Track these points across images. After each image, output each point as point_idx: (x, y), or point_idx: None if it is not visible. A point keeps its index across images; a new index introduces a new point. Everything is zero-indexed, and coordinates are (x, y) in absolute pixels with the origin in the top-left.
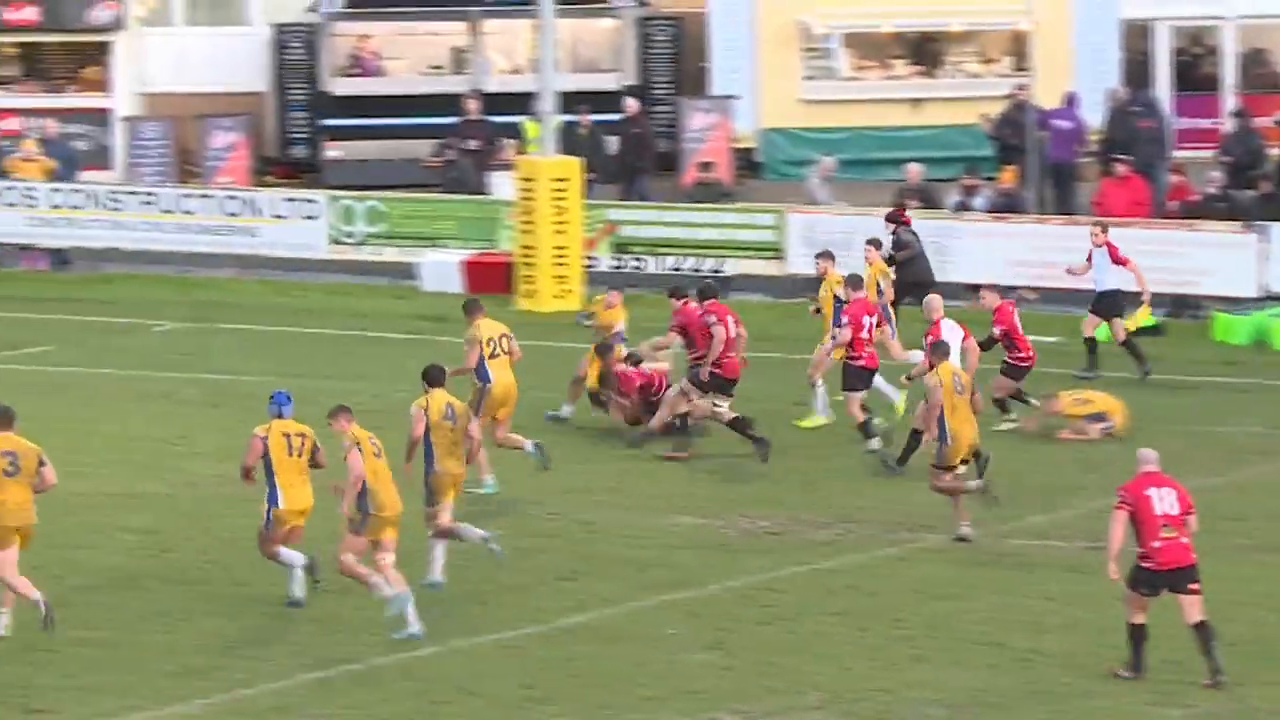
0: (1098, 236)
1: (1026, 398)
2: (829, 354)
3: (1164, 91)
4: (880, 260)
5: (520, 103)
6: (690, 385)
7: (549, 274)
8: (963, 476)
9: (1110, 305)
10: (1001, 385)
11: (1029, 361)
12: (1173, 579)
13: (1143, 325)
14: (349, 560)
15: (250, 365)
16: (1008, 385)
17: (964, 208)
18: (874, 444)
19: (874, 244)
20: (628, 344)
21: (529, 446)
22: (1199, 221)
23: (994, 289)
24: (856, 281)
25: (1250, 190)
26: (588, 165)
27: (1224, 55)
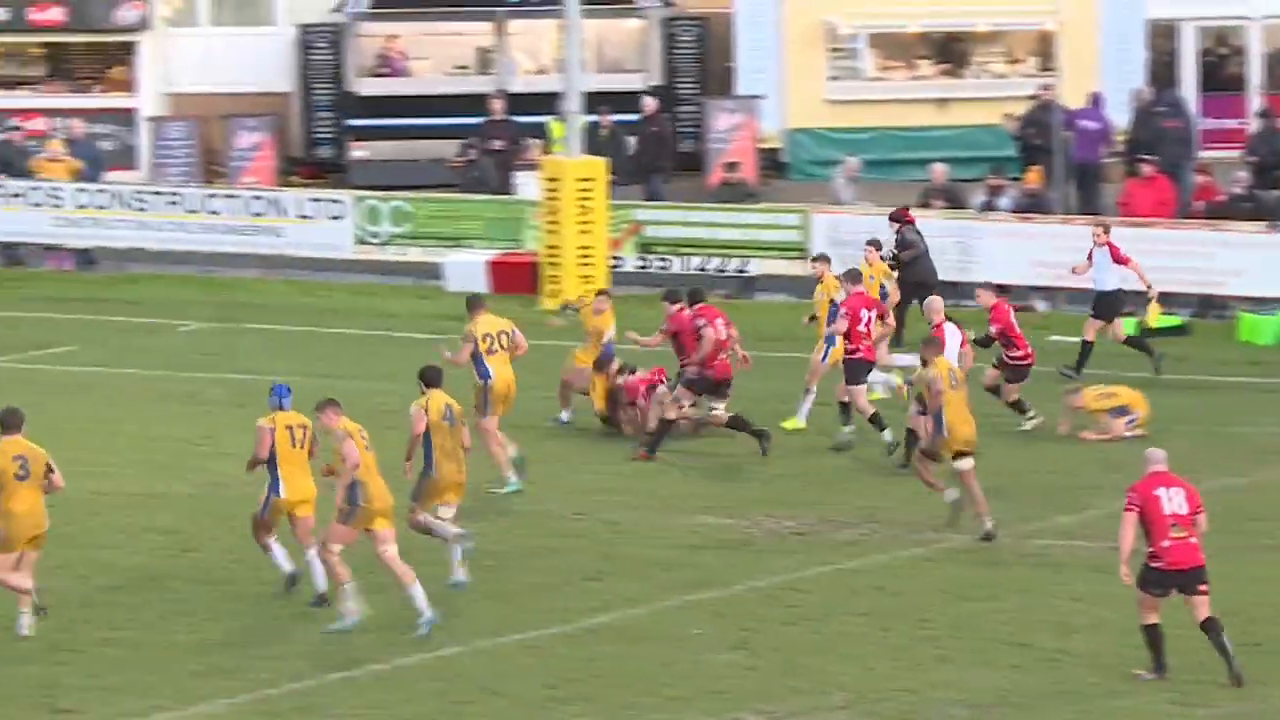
0: (1099, 236)
1: (1024, 408)
2: (824, 358)
3: (1190, 91)
4: (880, 262)
5: (545, 103)
6: (683, 389)
7: (574, 274)
8: (940, 477)
9: (1111, 306)
10: (992, 379)
11: (1027, 360)
12: (1183, 579)
13: (1168, 325)
14: (334, 551)
15: (275, 365)
16: (1011, 388)
17: (989, 208)
18: (888, 435)
19: (874, 245)
20: (615, 348)
21: (509, 463)
22: (1224, 222)
23: (989, 287)
24: (855, 276)
25: (1276, 190)
26: (609, 166)
27: (1250, 55)
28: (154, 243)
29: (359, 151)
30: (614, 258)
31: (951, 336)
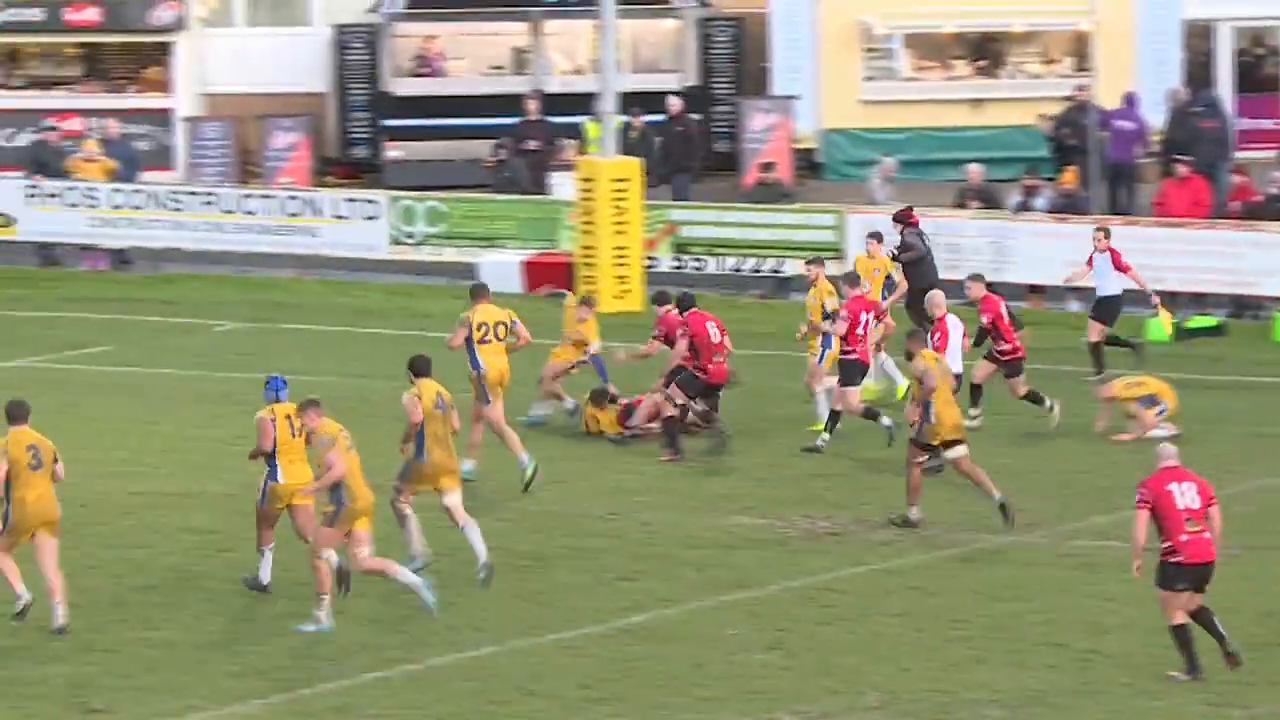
0: (1100, 241)
1: (1040, 398)
2: (820, 359)
3: (1226, 92)
4: (883, 255)
5: (581, 103)
6: (676, 388)
7: (609, 274)
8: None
9: (1112, 310)
10: (983, 374)
11: (1016, 355)
12: (1197, 575)
13: (1203, 326)
14: (323, 557)
15: (311, 365)
16: (1017, 383)
17: (1025, 208)
18: (886, 420)
19: (876, 237)
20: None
21: (468, 466)
22: (1260, 222)
23: (979, 279)
24: (854, 279)
25: None
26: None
27: None
28: (190, 243)
29: (394, 152)
30: (649, 258)
31: (954, 329)
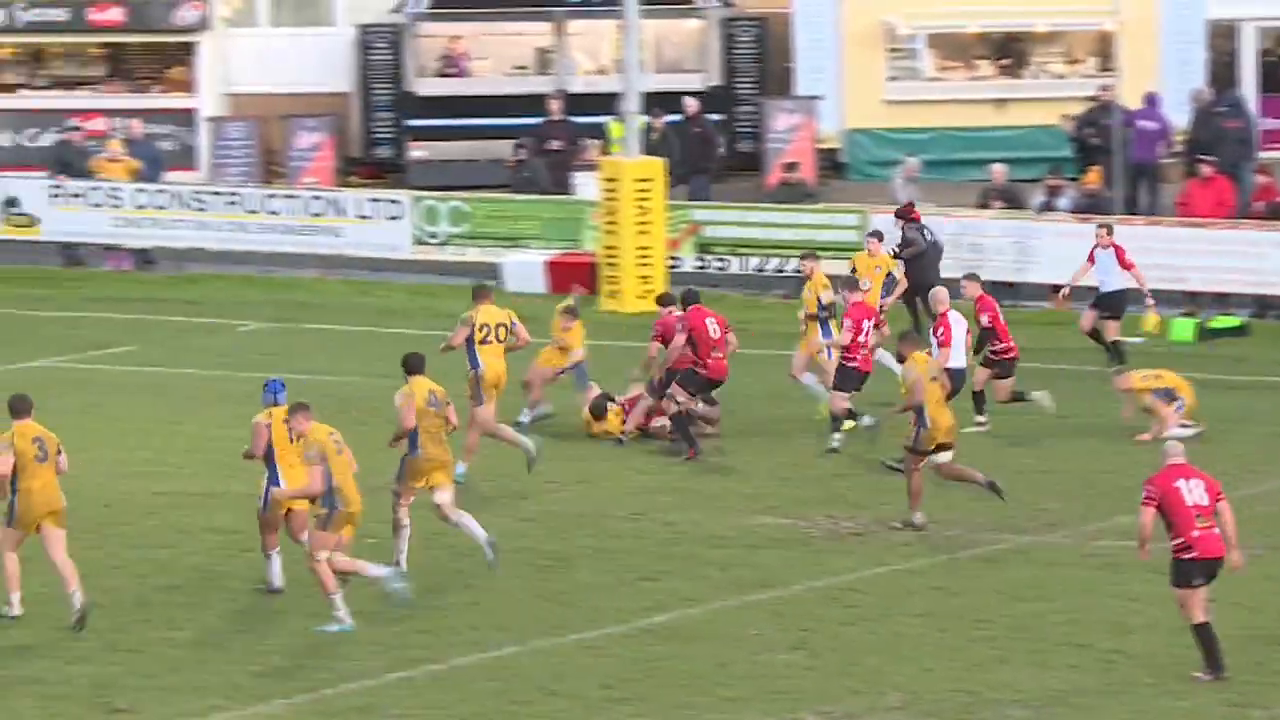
0: (1103, 238)
1: (1025, 395)
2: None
3: (1250, 92)
4: (884, 254)
5: (604, 103)
6: (677, 386)
7: (632, 274)
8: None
9: (1118, 303)
10: (982, 380)
11: (1010, 354)
12: (1210, 570)
13: (1227, 326)
14: (321, 560)
15: (334, 365)
16: (1002, 385)
17: (1048, 208)
18: (867, 420)
19: (876, 236)
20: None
21: (461, 469)
22: None
23: (974, 279)
24: (854, 284)
25: None
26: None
27: None
28: (213, 243)
29: (418, 152)
30: (672, 258)
31: (957, 326)
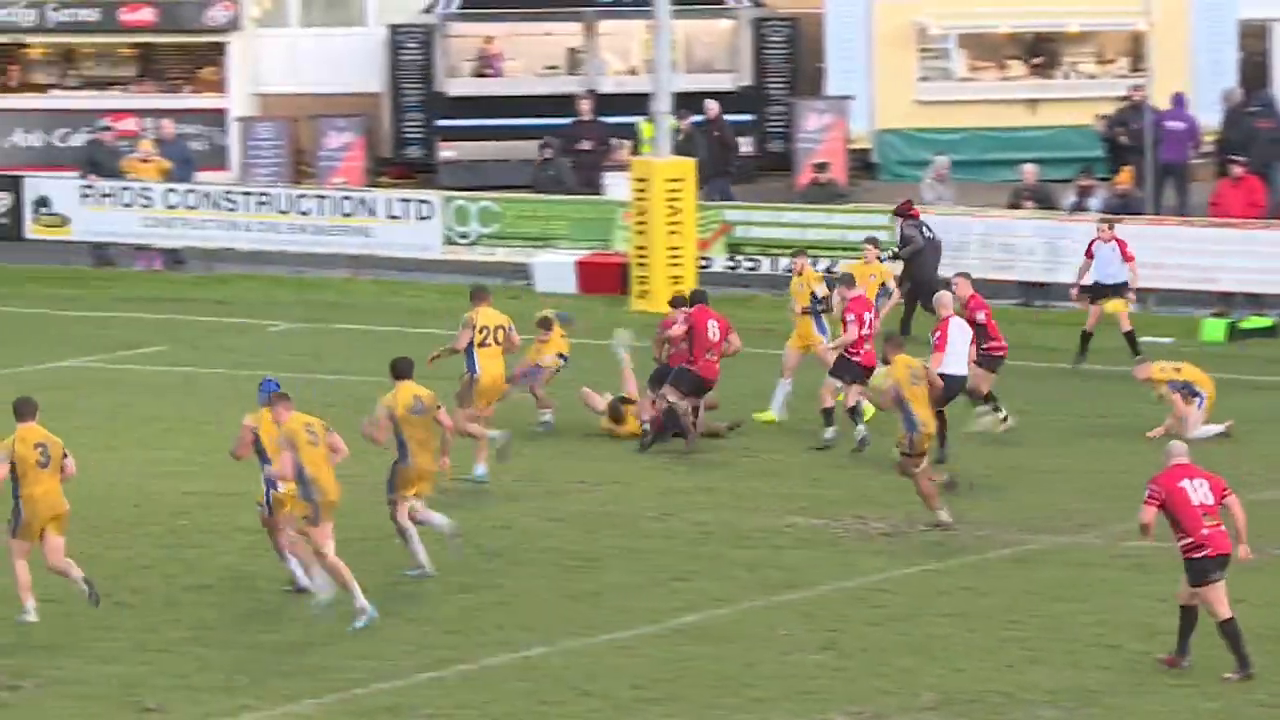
0: (1104, 232)
1: (994, 400)
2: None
3: None
4: (878, 261)
5: (635, 103)
6: (669, 386)
7: (663, 275)
8: (928, 470)
9: (1120, 296)
10: (976, 375)
11: (1000, 351)
12: (1224, 564)
13: (1258, 326)
14: (329, 553)
15: (363, 365)
16: (984, 378)
17: (1079, 208)
18: (830, 433)
19: (872, 242)
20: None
21: (494, 434)
22: None
23: (966, 277)
24: (850, 280)
25: None
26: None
27: None
28: (243, 243)
29: (448, 152)
30: (703, 258)
31: (958, 332)
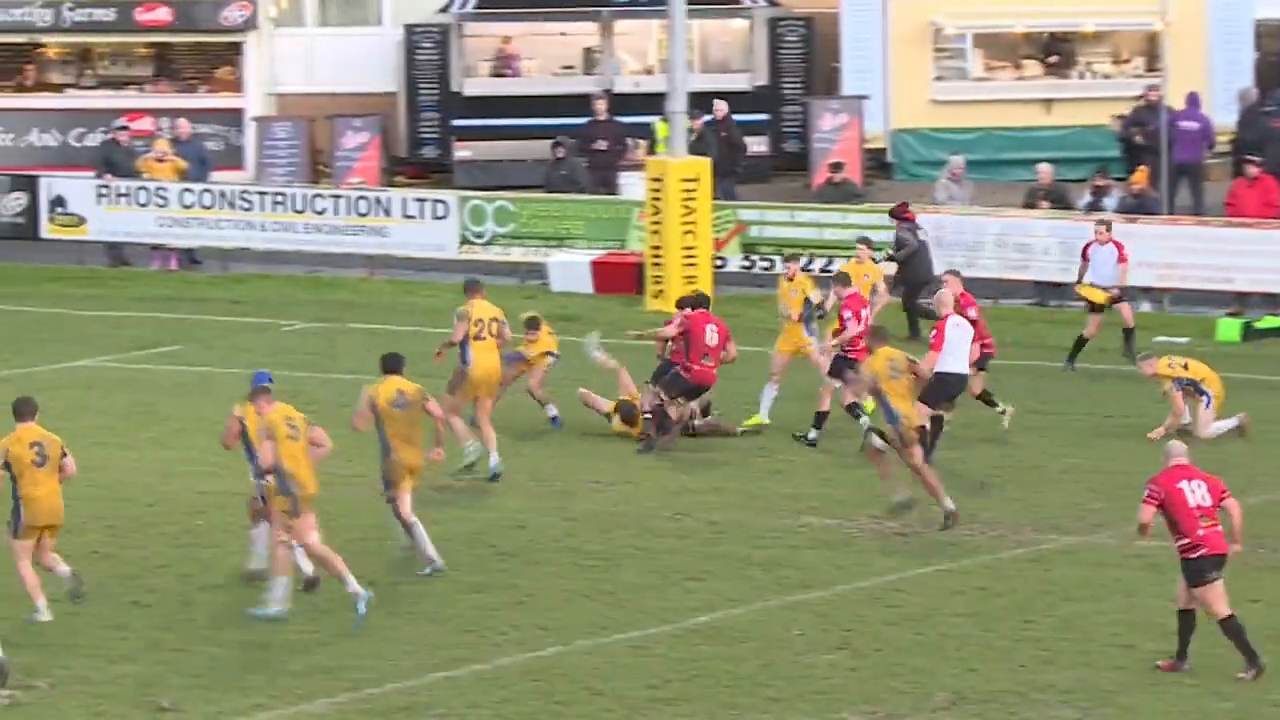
0: (1101, 234)
1: (991, 398)
2: (827, 350)
3: None
4: (871, 261)
5: (651, 103)
6: (663, 388)
7: (678, 274)
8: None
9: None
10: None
11: (990, 350)
12: (1221, 563)
13: (1273, 326)
14: (316, 544)
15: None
16: (975, 377)
17: (1095, 208)
18: (814, 435)
19: (865, 242)
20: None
21: (492, 459)
22: None
23: (956, 274)
24: (845, 279)
25: None
26: None
27: None
28: (259, 242)
29: (463, 152)
30: (718, 258)
31: (957, 330)
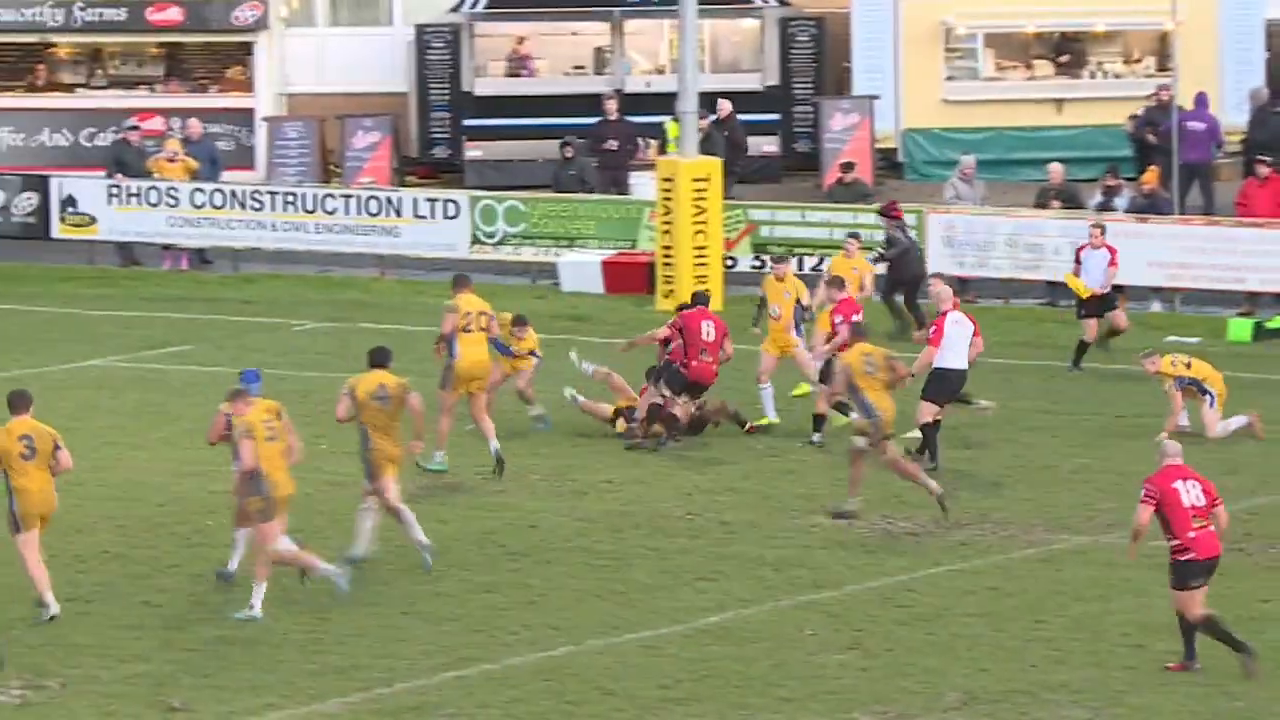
0: (1095, 238)
1: (970, 399)
2: (821, 355)
3: None
4: (861, 256)
5: (662, 103)
6: (664, 386)
7: (689, 274)
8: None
9: (1106, 302)
10: None
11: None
12: (1209, 569)
13: (1273, 327)
14: (280, 550)
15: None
16: None
17: (1105, 208)
18: (817, 438)
19: (854, 237)
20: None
21: (438, 454)
22: None
23: (941, 278)
24: (839, 283)
25: None
26: None
27: None
28: (270, 242)
29: (474, 151)
30: (728, 258)
31: (959, 327)
